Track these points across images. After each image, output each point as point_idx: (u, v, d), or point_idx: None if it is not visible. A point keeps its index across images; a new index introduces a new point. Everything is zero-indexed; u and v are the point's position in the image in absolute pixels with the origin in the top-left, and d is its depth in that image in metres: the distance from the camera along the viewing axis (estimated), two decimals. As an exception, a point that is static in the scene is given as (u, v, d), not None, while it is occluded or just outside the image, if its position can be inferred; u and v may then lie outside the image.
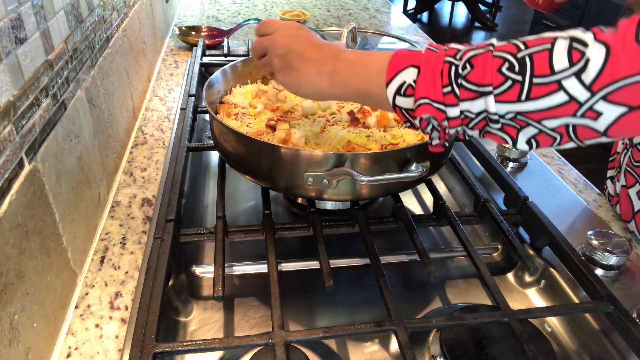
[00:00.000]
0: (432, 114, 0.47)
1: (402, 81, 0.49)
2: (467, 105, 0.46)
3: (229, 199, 0.84)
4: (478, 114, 0.46)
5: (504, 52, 0.44)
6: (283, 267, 0.71)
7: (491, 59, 0.44)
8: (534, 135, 0.45)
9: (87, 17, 0.73)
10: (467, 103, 0.46)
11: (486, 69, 0.44)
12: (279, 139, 0.68)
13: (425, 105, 0.47)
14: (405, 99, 0.49)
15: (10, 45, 0.47)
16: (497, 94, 0.44)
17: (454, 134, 0.49)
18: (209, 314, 0.64)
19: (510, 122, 0.45)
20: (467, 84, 0.45)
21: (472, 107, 0.46)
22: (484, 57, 0.44)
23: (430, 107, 0.47)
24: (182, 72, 1.27)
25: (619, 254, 0.65)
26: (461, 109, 0.46)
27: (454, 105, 0.46)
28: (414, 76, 0.48)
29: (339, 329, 0.52)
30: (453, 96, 0.46)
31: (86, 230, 0.67)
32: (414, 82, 0.48)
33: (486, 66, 0.44)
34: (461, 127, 0.48)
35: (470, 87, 0.45)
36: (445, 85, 0.46)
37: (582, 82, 0.40)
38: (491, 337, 0.57)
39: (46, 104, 0.55)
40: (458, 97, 0.46)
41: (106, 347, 0.55)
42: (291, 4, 1.91)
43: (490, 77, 0.44)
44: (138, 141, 0.95)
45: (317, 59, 0.55)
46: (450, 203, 0.87)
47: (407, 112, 0.50)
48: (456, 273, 0.73)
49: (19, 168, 0.48)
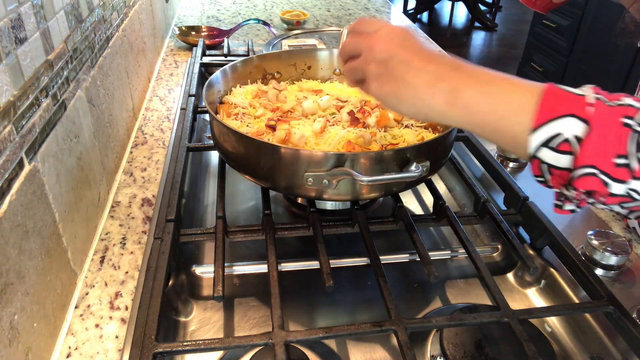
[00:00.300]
0: (595, 188, 0.39)
1: (556, 132, 0.39)
2: (637, 185, 0.38)
3: (229, 199, 0.84)
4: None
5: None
6: (283, 267, 0.71)
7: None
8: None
9: (87, 17, 0.73)
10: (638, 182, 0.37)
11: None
12: (279, 139, 0.68)
13: (590, 176, 0.38)
14: (557, 155, 0.40)
15: (10, 45, 0.47)
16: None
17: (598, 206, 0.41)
18: (209, 314, 0.64)
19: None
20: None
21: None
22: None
23: (596, 180, 0.38)
24: (182, 72, 1.27)
25: (619, 254, 0.65)
26: (630, 187, 0.38)
27: (623, 182, 0.38)
28: (577, 131, 0.38)
29: (339, 329, 0.52)
30: (627, 171, 0.37)
31: (86, 230, 0.67)
32: (576, 139, 0.39)
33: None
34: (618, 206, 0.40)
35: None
36: (620, 155, 0.37)
37: None
38: (491, 337, 0.57)
39: (46, 104, 0.55)
40: (633, 174, 0.37)
41: (106, 347, 0.55)
42: (291, 4, 1.91)
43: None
44: (138, 141, 0.95)
45: (430, 70, 0.46)
46: (450, 203, 0.87)
47: (549, 169, 0.41)
48: (456, 273, 0.73)
49: (19, 168, 0.48)
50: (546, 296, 0.68)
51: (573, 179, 0.40)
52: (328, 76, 0.95)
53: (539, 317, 0.59)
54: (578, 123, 0.38)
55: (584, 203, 0.41)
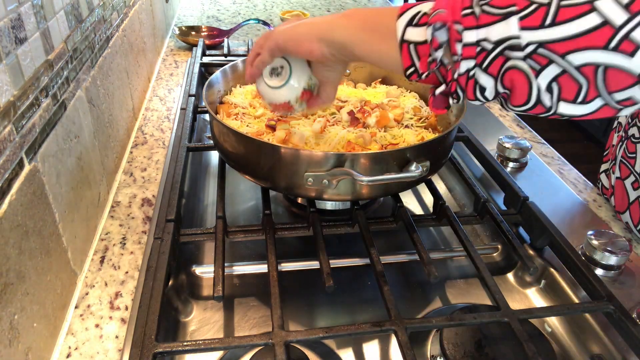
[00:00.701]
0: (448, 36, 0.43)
1: (417, 11, 0.45)
2: (485, 32, 0.41)
3: (229, 199, 0.84)
4: (497, 42, 0.41)
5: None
6: (283, 267, 0.71)
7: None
8: (556, 77, 0.40)
9: (87, 17, 0.73)
10: (486, 29, 0.41)
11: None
12: (279, 139, 0.68)
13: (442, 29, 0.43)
14: (418, 30, 0.45)
15: (10, 45, 0.47)
16: (520, 17, 0.39)
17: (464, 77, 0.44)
18: (209, 314, 0.64)
19: (531, 60, 0.40)
20: (488, 7, 0.41)
21: (490, 33, 0.41)
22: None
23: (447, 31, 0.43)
24: (182, 72, 1.27)
25: (619, 254, 0.65)
26: (479, 36, 0.41)
27: (472, 28, 0.42)
28: (430, 4, 0.44)
29: (339, 329, 0.52)
30: (473, 17, 0.42)
31: (86, 230, 0.67)
32: (431, 10, 0.44)
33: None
34: (474, 66, 0.43)
35: (492, 10, 0.41)
36: (466, 7, 0.42)
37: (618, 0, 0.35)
38: (491, 337, 0.57)
39: (46, 104, 0.55)
40: (477, 18, 0.41)
41: (106, 347, 0.55)
42: (291, 4, 1.92)
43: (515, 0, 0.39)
44: (138, 141, 0.95)
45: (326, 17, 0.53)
46: (450, 203, 0.87)
47: (416, 51, 0.46)
48: (456, 273, 0.73)
49: (19, 168, 0.48)
50: (546, 296, 0.68)
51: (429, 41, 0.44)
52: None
53: (539, 317, 0.59)
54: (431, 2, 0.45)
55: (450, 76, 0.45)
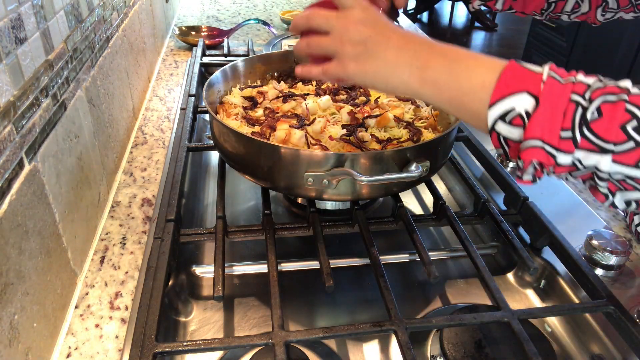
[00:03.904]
0: (540, 159, 0.41)
1: (510, 107, 0.42)
2: (581, 155, 0.40)
3: (229, 199, 0.84)
4: (588, 167, 0.40)
5: (637, 108, 0.38)
6: (283, 267, 0.71)
7: (622, 112, 0.38)
8: (637, 199, 0.41)
9: (87, 17, 0.73)
10: (583, 153, 0.40)
11: (613, 123, 0.38)
12: (279, 139, 0.68)
13: (536, 148, 0.41)
14: (510, 128, 0.42)
15: (10, 45, 0.47)
16: (615, 153, 0.39)
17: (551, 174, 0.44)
18: (209, 314, 0.64)
19: (615, 182, 0.41)
20: (589, 134, 0.39)
21: (586, 159, 0.40)
22: (615, 108, 0.38)
23: (541, 152, 0.41)
24: (182, 72, 1.27)
25: (619, 254, 0.65)
26: (575, 157, 0.40)
27: (569, 153, 0.40)
28: (527, 106, 0.41)
29: (339, 329, 0.52)
30: (572, 143, 0.39)
31: (86, 230, 0.67)
32: (526, 114, 0.41)
33: (614, 119, 0.38)
34: (566, 174, 0.43)
35: (592, 138, 0.39)
36: (565, 128, 0.40)
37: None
38: (491, 337, 0.57)
39: (46, 104, 0.55)
40: (577, 145, 0.39)
41: (106, 347, 0.55)
42: (291, 4, 1.91)
43: (615, 134, 0.38)
44: (138, 141, 0.95)
45: (407, 48, 0.48)
46: (450, 203, 0.87)
47: (505, 141, 0.44)
48: (456, 273, 0.73)
49: (19, 168, 0.48)
50: (546, 296, 0.68)
51: (521, 150, 0.42)
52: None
53: (539, 317, 0.59)
54: (529, 99, 0.41)
55: (539, 173, 0.43)
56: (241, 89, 0.86)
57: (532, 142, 0.41)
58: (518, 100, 0.41)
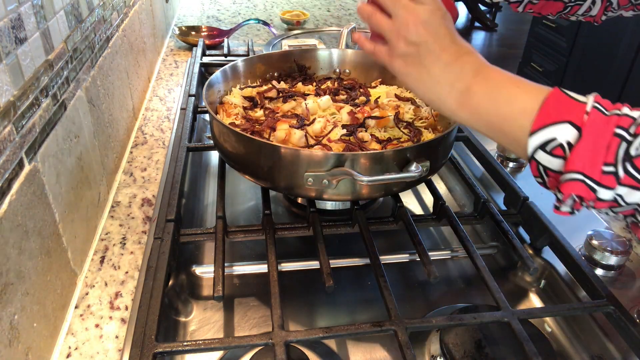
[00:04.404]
0: (580, 193, 0.40)
1: (551, 137, 0.40)
2: (624, 192, 0.38)
3: (229, 199, 0.84)
4: (630, 203, 0.39)
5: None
6: (283, 267, 0.71)
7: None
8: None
9: (87, 17, 0.73)
10: (626, 189, 0.38)
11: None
12: (279, 139, 0.68)
13: (577, 182, 0.39)
14: (550, 158, 0.41)
15: (10, 45, 0.47)
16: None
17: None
18: (209, 314, 0.64)
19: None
20: (633, 170, 0.38)
21: (628, 196, 0.38)
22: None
23: (582, 185, 0.39)
24: (182, 72, 1.27)
25: (619, 254, 0.65)
26: (616, 193, 0.39)
27: (610, 189, 0.39)
28: (569, 137, 0.40)
29: (339, 329, 0.52)
30: (614, 178, 0.38)
31: (86, 230, 0.67)
32: (568, 145, 0.40)
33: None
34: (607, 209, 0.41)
35: (635, 174, 0.38)
36: (608, 163, 0.38)
37: None
38: (491, 337, 0.57)
39: (46, 104, 0.55)
40: (619, 181, 0.38)
41: (106, 347, 0.55)
42: (291, 4, 1.91)
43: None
44: (138, 141, 0.95)
45: (454, 67, 0.47)
46: (450, 203, 0.87)
47: (545, 171, 0.42)
48: (456, 273, 0.73)
49: (19, 168, 0.48)
50: (546, 296, 0.68)
51: (560, 182, 0.41)
52: (328, 76, 0.95)
53: (539, 317, 0.59)
54: (572, 130, 0.40)
55: (578, 206, 0.42)
56: (241, 89, 0.86)
57: (572, 174, 0.40)
58: (560, 130, 0.40)
